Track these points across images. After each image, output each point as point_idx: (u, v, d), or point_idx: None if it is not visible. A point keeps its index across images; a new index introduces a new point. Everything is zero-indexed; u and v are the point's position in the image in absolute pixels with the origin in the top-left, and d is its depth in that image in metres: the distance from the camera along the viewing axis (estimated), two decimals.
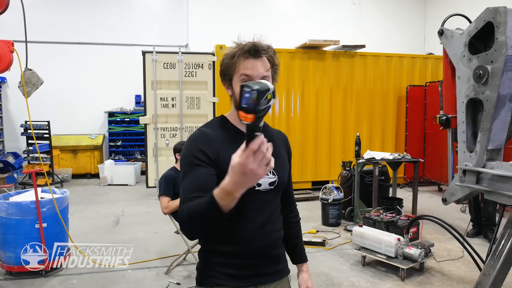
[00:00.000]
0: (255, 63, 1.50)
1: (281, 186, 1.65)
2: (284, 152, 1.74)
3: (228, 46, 1.64)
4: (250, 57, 1.50)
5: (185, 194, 1.47)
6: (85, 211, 6.83)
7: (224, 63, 1.57)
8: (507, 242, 2.33)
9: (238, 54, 1.51)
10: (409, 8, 11.75)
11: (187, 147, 1.56)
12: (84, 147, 9.98)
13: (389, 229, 4.52)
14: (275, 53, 1.57)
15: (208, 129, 1.60)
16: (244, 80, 1.49)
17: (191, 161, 1.51)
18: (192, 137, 1.58)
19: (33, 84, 3.94)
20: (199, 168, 1.49)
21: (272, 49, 1.55)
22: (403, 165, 8.24)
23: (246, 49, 1.50)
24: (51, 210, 4.10)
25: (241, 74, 1.50)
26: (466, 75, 2.31)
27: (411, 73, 8.86)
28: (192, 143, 1.54)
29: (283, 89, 7.97)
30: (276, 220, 1.65)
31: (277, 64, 1.58)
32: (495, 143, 2.27)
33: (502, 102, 2.18)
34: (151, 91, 7.52)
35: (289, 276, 1.73)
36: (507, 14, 2.05)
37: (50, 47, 10.24)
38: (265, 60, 1.52)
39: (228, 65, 1.54)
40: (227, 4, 10.44)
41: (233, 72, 1.53)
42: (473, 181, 2.31)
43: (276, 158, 1.58)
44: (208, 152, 1.50)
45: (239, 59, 1.51)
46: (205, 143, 1.52)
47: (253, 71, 1.49)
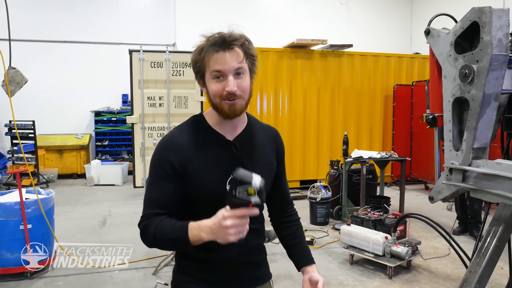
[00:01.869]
0: (225, 56, 1.36)
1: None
2: (271, 154, 1.64)
3: None
4: (219, 49, 1.36)
5: (147, 207, 1.45)
6: (72, 211, 6.75)
7: (193, 60, 1.44)
8: (492, 240, 2.36)
9: (206, 48, 1.37)
10: (396, 8, 11.84)
11: (156, 154, 1.49)
12: (70, 147, 9.85)
13: (376, 228, 4.54)
14: (249, 42, 1.42)
15: (181, 132, 1.51)
16: (216, 76, 1.38)
17: (157, 171, 1.45)
18: (161, 143, 1.49)
19: (17, 83, 3.87)
20: (164, 181, 1.43)
21: (245, 38, 1.40)
22: (390, 164, 8.29)
23: (213, 41, 1.36)
24: (36, 211, 4.04)
25: (212, 70, 1.38)
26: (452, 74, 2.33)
27: (398, 73, 8.94)
28: (161, 152, 1.46)
29: (271, 89, 7.98)
30: (256, 227, 1.55)
31: (253, 55, 1.43)
32: (480, 142, 2.29)
33: (488, 101, 2.20)
34: (138, 90, 7.43)
35: (271, 281, 1.67)
36: (492, 14, 2.07)
37: (37, 46, 10.10)
38: (237, 51, 1.38)
39: (198, 61, 1.41)
40: (215, 3, 10.39)
41: (204, 68, 1.41)
42: (459, 179, 2.33)
43: (260, 161, 1.55)
44: (176, 163, 1.42)
45: (208, 53, 1.37)
46: (174, 152, 1.43)
47: (224, 65, 1.36)
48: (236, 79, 1.38)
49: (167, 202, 1.44)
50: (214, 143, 1.48)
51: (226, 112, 1.41)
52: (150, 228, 1.38)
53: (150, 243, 1.42)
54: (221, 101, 1.40)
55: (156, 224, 1.38)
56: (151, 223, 1.39)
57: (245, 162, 1.45)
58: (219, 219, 1.23)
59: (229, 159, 1.46)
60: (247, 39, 1.41)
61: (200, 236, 1.29)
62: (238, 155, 1.48)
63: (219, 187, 1.43)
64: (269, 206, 1.77)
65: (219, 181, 1.44)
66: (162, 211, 1.42)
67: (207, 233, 1.26)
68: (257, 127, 1.62)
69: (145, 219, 1.43)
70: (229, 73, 1.36)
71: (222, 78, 1.38)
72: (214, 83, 1.40)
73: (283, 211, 1.75)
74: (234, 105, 1.40)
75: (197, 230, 1.29)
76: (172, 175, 1.42)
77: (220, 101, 1.40)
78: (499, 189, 2.09)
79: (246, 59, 1.40)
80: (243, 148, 1.51)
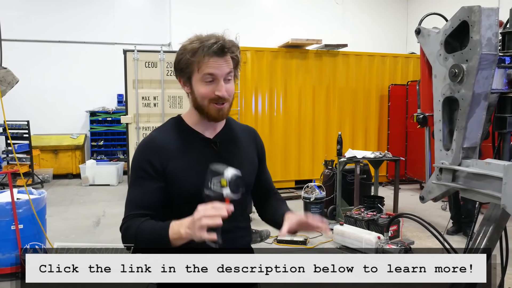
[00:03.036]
0: (220, 62, 1.41)
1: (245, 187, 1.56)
2: (252, 152, 1.65)
3: None
4: (215, 55, 1.40)
5: (129, 209, 1.43)
6: (66, 212, 6.72)
7: (183, 58, 1.45)
8: (482, 240, 2.36)
9: (203, 52, 1.40)
10: (391, 8, 11.84)
11: (136, 155, 1.49)
12: (66, 147, 9.81)
13: (369, 228, 4.55)
14: (239, 51, 1.49)
15: (160, 133, 1.52)
16: (207, 80, 1.42)
17: (138, 173, 1.45)
18: (141, 144, 1.50)
19: (8, 83, 3.85)
20: (146, 183, 1.43)
21: (237, 47, 1.46)
22: (385, 164, 8.30)
23: (212, 47, 1.39)
24: (28, 211, 4.02)
25: (205, 73, 1.41)
26: (442, 73, 2.33)
27: (393, 72, 8.94)
28: (141, 153, 1.47)
29: (265, 88, 7.96)
30: (242, 225, 1.57)
31: (239, 61, 1.50)
32: (470, 141, 2.29)
33: (477, 100, 2.19)
34: (133, 90, 7.43)
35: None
36: (481, 13, 2.07)
37: (32, 46, 10.04)
38: (230, 58, 1.44)
39: (189, 62, 1.43)
40: (210, 3, 10.37)
41: (194, 70, 1.43)
42: (449, 179, 2.33)
43: (242, 158, 1.56)
44: (156, 163, 1.43)
45: (203, 57, 1.40)
46: (154, 152, 1.44)
47: (218, 70, 1.41)
48: (226, 84, 1.44)
49: (149, 203, 1.42)
50: (195, 142, 1.50)
51: (213, 116, 1.46)
52: (131, 229, 1.37)
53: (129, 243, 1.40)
54: (209, 104, 1.44)
55: (138, 225, 1.36)
56: (132, 224, 1.38)
57: (226, 159, 1.46)
58: (195, 214, 1.23)
59: (210, 157, 1.46)
60: (238, 47, 1.47)
61: (179, 233, 1.28)
62: (219, 153, 1.50)
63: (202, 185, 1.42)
64: (255, 200, 1.78)
65: (202, 179, 1.42)
66: (144, 212, 1.41)
67: (185, 228, 1.26)
68: (236, 125, 1.65)
69: (126, 220, 1.41)
70: (221, 78, 1.41)
71: (213, 82, 1.42)
72: (204, 85, 1.43)
73: (268, 201, 1.76)
74: (223, 109, 1.45)
75: (177, 225, 1.29)
76: (153, 175, 1.42)
77: (208, 103, 1.44)
78: (488, 188, 2.08)
79: (235, 66, 1.47)
80: (223, 145, 1.53)
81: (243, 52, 7.63)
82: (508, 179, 1.91)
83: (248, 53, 7.76)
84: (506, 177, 1.93)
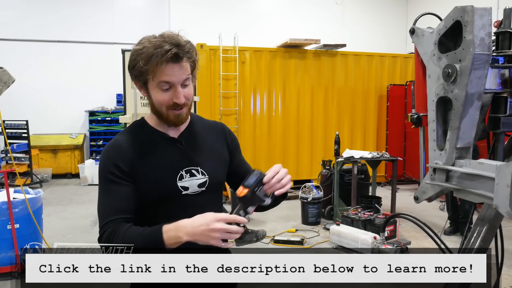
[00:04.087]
0: (176, 69, 1.35)
1: (214, 185, 1.54)
2: (221, 147, 1.61)
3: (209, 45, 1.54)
4: (169, 62, 1.34)
5: (105, 216, 1.37)
6: (64, 211, 6.72)
7: (136, 65, 1.38)
8: (476, 240, 2.36)
9: (156, 59, 1.33)
10: (391, 8, 11.83)
11: (101, 161, 1.45)
12: (65, 147, 9.82)
13: (366, 228, 4.55)
14: (196, 53, 1.42)
15: (124, 136, 1.49)
16: (164, 88, 1.37)
17: (107, 177, 1.40)
18: (106, 149, 1.46)
19: (4, 83, 3.84)
20: (117, 186, 1.39)
21: (193, 49, 1.40)
22: (383, 164, 8.30)
23: (166, 55, 1.32)
24: (24, 211, 4.02)
25: (160, 81, 1.36)
26: (436, 73, 2.32)
27: (392, 72, 8.93)
28: (106, 157, 1.43)
29: (264, 88, 7.96)
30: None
31: (196, 61, 1.44)
32: (464, 141, 2.28)
33: (471, 100, 2.19)
34: (131, 90, 7.41)
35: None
36: (474, 13, 2.06)
37: (31, 45, 10.04)
38: (186, 63, 1.38)
39: (143, 70, 1.36)
40: (209, 3, 10.38)
41: (148, 76, 1.37)
42: (442, 179, 2.32)
43: (207, 157, 1.53)
44: (123, 165, 1.40)
45: (157, 65, 1.34)
46: (119, 155, 1.42)
47: (174, 78, 1.36)
48: (183, 89, 1.40)
49: (123, 206, 1.39)
50: (159, 142, 1.48)
51: (173, 121, 1.44)
52: (117, 238, 1.31)
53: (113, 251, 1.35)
54: (168, 111, 1.42)
55: (124, 232, 1.31)
56: (116, 231, 1.32)
57: (192, 157, 1.47)
58: (208, 220, 1.22)
59: (176, 156, 1.47)
60: (193, 46, 1.41)
61: (178, 238, 1.27)
62: (184, 151, 1.49)
63: (172, 185, 1.42)
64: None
65: (170, 179, 1.42)
66: (124, 216, 1.36)
67: (187, 233, 1.25)
68: (200, 123, 1.62)
69: (106, 229, 1.35)
70: (178, 85, 1.37)
71: (170, 89, 1.39)
72: (161, 92, 1.39)
73: None
74: (181, 114, 1.43)
75: (174, 231, 1.27)
76: (123, 177, 1.40)
77: (166, 110, 1.42)
78: (481, 189, 2.08)
79: (193, 70, 1.42)
80: (188, 143, 1.51)
81: (242, 52, 7.64)
82: (500, 180, 1.91)
83: (246, 53, 7.76)
84: (498, 177, 1.92)
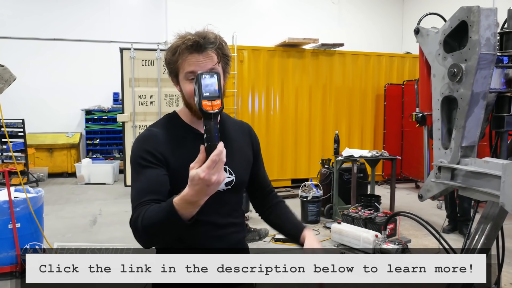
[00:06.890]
0: (200, 59, 1.38)
1: (239, 185, 1.55)
2: (246, 147, 1.64)
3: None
4: (193, 52, 1.38)
5: (136, 200, 1.36)
6: (62, 210, 6.70)
7: (167, 59, 1.44)
8: (480, 238, 2.39)
9: (181, 50, 1.38)
10: (387, 8, 11.88)
11: (134, 149, 1.45)
12: (61, 146, 9.77)
13: (367, 226, 4.57)
14: (224, 44, 1.44)
15: (157, 128, 1.50)
16: (190, 78, 1.39)
17: (139, 163, 1.40)
18: (139, 138, 1.47)
19: (5, 81, 3.83)
20: (149, 169, 1.38)
21: (219, 40, 1.42)
22: (381, 163, 8.34)
23: (189, 44, 1.36)
24: (25, 210, 4.00)
25: (186, 71, 1.39)
26: (441, 73, 2.34)
27: (389, 72, 8.97)
28: (139, 145, 1.44)
29: (262, 87, 7.97)
30: (236, 221, 1.56)
31: (227, 55, 1.45)
32: (469, 140, 2.31)
33: (476, 99, 2.21)
34: (129, 88, 7.42)
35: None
36: (480, 14, 2.09)
37: (28, 43, 9.99)
38: (211, 53, 1.40)
39: (171, 61, 1.42)
40: (207, 1, 10.36)
41: (178, 69, 1.42)
42: (448, 177, 2.35)
43: (235, 156, 1.53)
44: (156, 153, 1.40)
45: (182, 55, 1.38)
46: (153, 144, 1.42)
47: (198, 67, 1.37)
48: None
49: (154, 188, 1.36)
50: (190, 138, 1.49)
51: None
52: (139, 219, 1.29)
53: (142, 236, 1.31)
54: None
55: (144, 212, 1.29)
56: (140, 215, 1.30)
57: None
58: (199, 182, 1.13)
59: None
60: (222, 40, 1.43)
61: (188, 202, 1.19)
62: None
63: None
64: (252, 198, 1.78)
65: None
66: (154, 197, 1.33)
67: (195, 196, 1.17)
68: (230, 122, 1.64)
69: (135, 211, 1.34)
70: None
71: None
72: (188, 83, 1.41)
73: (266, 199, 1.76)
74: None
75: (183, 202, 1.19)
76: (155, 163, 1.40)
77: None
78: (487, 187, 2.10)
79: (220, 61, 1.42)
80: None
81: (240, 51, 7.64)
82: (507, 178, 1.93)
83: (244, 52, 7.76)
84: (504, 175, 1.94)
